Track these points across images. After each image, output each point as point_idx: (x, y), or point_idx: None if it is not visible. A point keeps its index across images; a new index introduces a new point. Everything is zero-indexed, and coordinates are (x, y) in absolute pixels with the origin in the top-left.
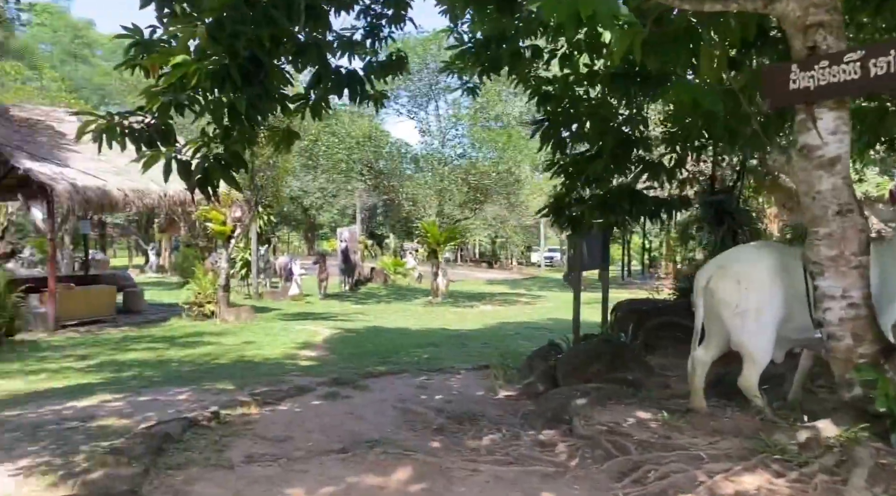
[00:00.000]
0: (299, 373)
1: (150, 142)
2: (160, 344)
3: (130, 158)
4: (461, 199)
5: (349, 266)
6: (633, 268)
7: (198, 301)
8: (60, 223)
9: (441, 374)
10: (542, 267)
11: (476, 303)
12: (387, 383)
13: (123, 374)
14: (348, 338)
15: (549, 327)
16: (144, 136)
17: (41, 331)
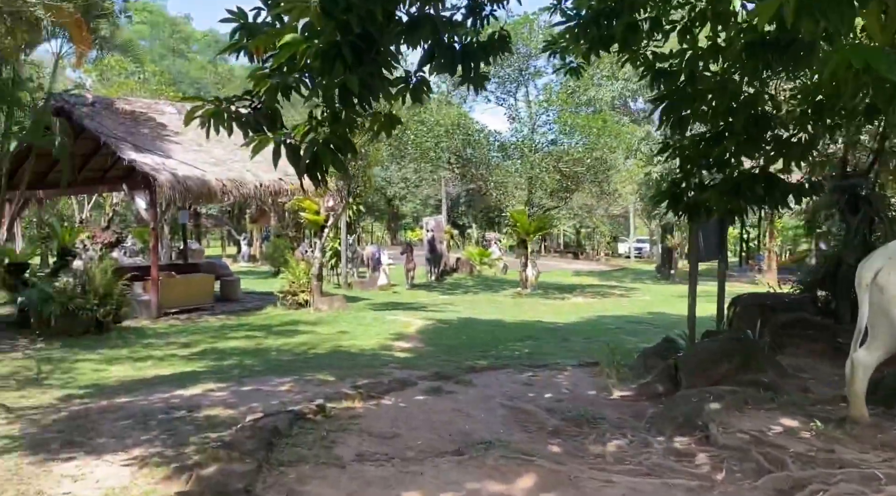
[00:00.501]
0: (397, 366)
1: (257, 127)
2: (258, 332)
3: (229, 149)
4: (553, 186)
5: (435, 256)
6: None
7: (292, 290)
8: (162, 213)
9: (546, 371)
10: (632, 258)
11: (567, 295)
12: (490, 378)
13: (225, 363)
14: (442, 329)
15: (652, 322)
16: (251, 120)
17: (145, 318)
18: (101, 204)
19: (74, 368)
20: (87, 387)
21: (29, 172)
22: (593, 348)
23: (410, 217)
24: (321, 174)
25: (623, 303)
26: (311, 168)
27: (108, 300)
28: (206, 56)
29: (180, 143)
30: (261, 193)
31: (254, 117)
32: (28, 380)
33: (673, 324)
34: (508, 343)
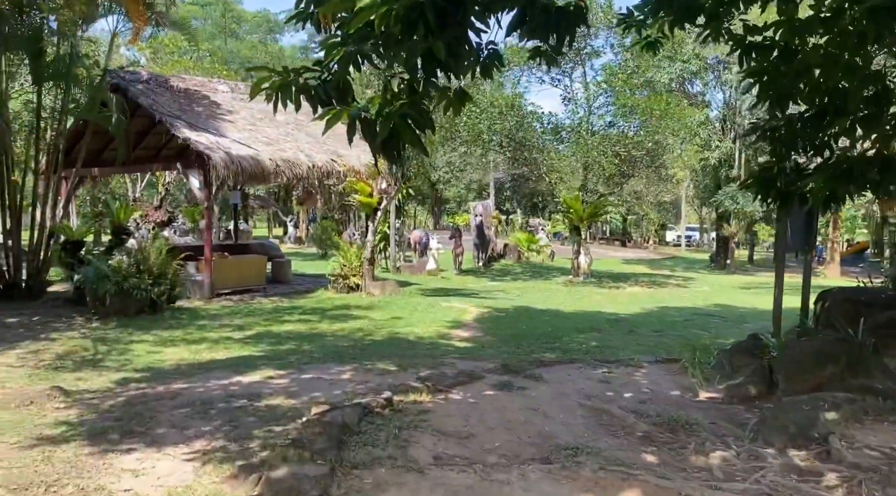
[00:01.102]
0: (458, 356)
1: (327, 100)
2: (311, 316)
3: (281, 129)
4: (610, 171)
5: (483, 241)
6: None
7: (343, 273)
8: (216, 192)
9: (621, 367)
10: (684, 246)
11: (622, 284)
12: (562, 374)
13: (282, 347)
14: (499, 318)
15: (721, 315)
16: (321, 93)
17: (198, 298)
18: (154, 183)
19: (129, 350)
20: (143, 371)
21: (85, 150)
22: (665, 343)
23: (454, 202)
24: (397, 151)
25: (682, 293)
26: (388, 144)
27: (163, 280)
28: (256, 36)
29: (233, 121)
30: (313, 174)
31: (324, 90)
32: (84, 361)
33: (742, 317)
34: (572, 334)
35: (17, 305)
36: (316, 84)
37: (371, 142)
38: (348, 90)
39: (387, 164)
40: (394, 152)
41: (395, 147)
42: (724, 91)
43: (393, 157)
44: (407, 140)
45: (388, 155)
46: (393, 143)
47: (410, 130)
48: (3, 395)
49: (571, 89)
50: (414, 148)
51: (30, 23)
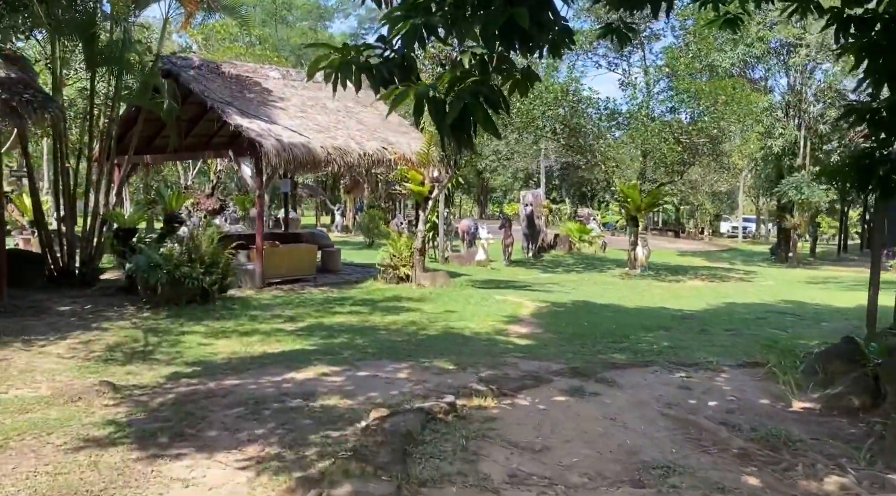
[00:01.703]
0: (519, 355)
1: (389, 79)
2: (362, 307)
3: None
4: (672, 159)
5: (534, 231)
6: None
7: (393, 264)
8: (268, 180)
9: (700, 371)
10: (740, 238)
11: (681, 278)
12: (637, 378)
13: (335, 341)
14: (558, 313)
15: (794, 312)
16: (383, 71)
17: (249, 287)
18: (206, 171)
19: (181, 341)
20: (195, 364)
21: (137, 137)
22: (741, 343)
23: (500, 190)
24: (468, 135)
25: (747, 288)
26: (458, 126)
27: (214, 269)
28: (307, 23)
29: (285, 109)
30: (364, 162)
31: (386, 68)
32: (135, 353)
33: (818, 315)
34: (639, 333)
35: (71, 293)
36: (378, 62)
37: (439, 123)
38: (412, 68)
39: (438, 150)
40: (465, 135)
41: (466, 129)
42: (788, 75)
43: (464, 139)
44: (480, 121)
45: (459, 137)
46: (464, 124)
47: (483, 110)
48: (52, 390)
49: (629, 73)
50: (486, 130)
51: (83, 7)
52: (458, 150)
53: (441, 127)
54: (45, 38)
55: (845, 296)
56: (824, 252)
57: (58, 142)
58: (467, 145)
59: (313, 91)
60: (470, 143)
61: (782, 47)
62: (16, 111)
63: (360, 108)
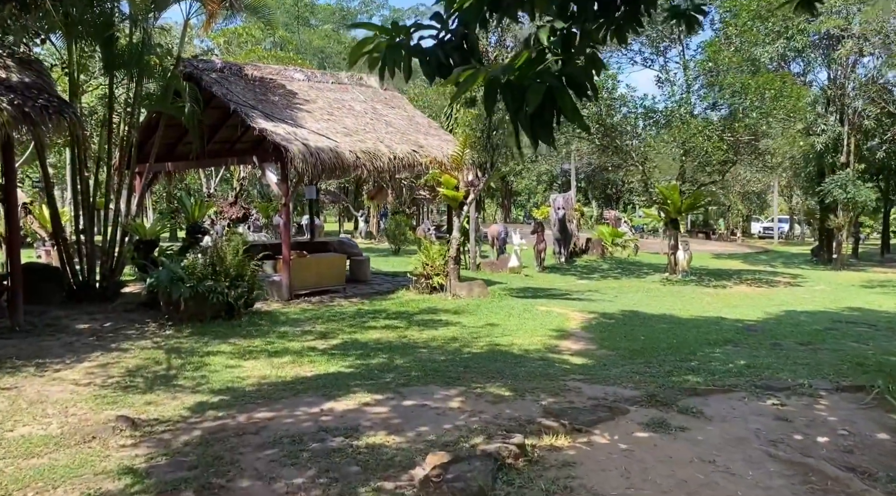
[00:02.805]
0: (581, 377)
1: (446, 64)
2: (397, 321)
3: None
4: (718, 158)
5: (566, 236)
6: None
7: (426, 273)
8: (294, 186)
9: (793, 396)
10: (776, 239)
11: (726, 282)
12: (724, 406)
13: (372, 361)
14: (608, 325)
15: (865, 321)
16: (439, 56)
17: (276, 300)
18: (228, 178)
19: (206, 363)
20: (222, 392)
21: (158, 144)
22: (824, 360)
23: (524, 194)
24: (549, 126)
25: (800, 294)
26: (540, 116)
27: (240, 282)
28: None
29: (311, 111)
30: (394, 166)
31: (443, 52)
32: (156, 378)
33: (894, 324)
34: (705, 348)
35: (90, 308)
36: (433, 45)
37: (515, 112)
38: (475, 51)
39: (473, 153)
40: (545, 127)
41: (547, 119)
42: (829, 69)
43: (546, 134)
44: (567, 108)
45: (539, 130)
46: (545, 113)
47: (569, 97)
48: (65, 427)
49: (667, 69)
50: (571, 121)
51: (101, 8)
52: (535, 145)
53: (517, 117)
54: (61, 40)
55: None
56: (864, 253)
57: (76, 149)
58: (547, 139)
59: (339, 92)
60: (550, 137)
61: (821, 40)
62: (30, 117)
63: (389, 110)
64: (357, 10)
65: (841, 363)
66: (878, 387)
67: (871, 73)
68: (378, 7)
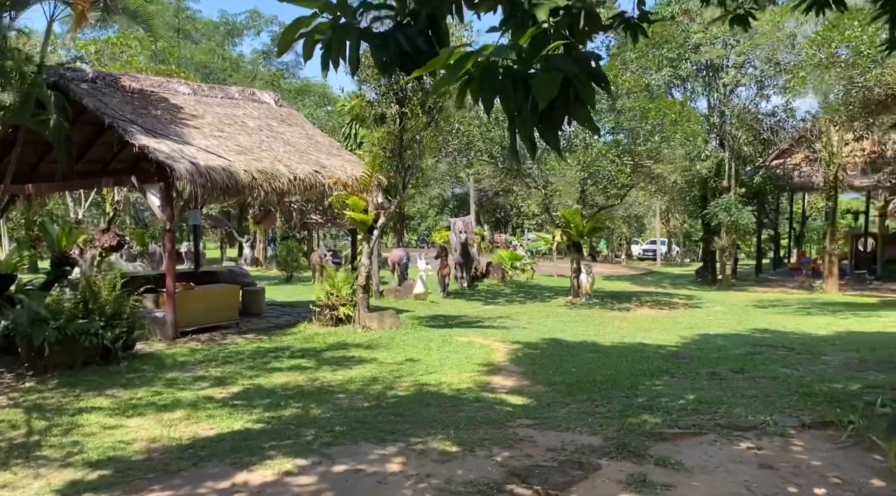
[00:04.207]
0: (528, 421)
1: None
2: (305, 360)
3: (255, 136)
4: (621, 181)
5: (468, 260)
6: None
7: (331, 303)
8: (181, 210)
9: (762, 436)
10: (659, 261)
11: (628, 305)
12: (698, 454)
13: (285, 413)
14: (535, 356)
15: (781, 344)
16: (401, 42)
17: (159, 340)
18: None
19: (78, 425)
20: (101, 464)
21: (15, 162)
22: (766, 388)
23: (416, 218)
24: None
25: (704, 316)
26: (549, 117)
27: (118, 321)
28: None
29: (199, 127)
30: (295, 188)
31: (405, 37)
32: (13, 448)
33: (808, 346)
34: (642, 380)
35: None
36: (392, 28)
37: (517, 108)
38: (445, 38)
39: (384, 173)
40: (557, 128)
41: (559, 119)
42: (710, 97)
43: (553, 137)
44: (587, 101)
45: (547, 132)
46: (555, 111)
47: (592, 89)
48: None
49: None
50: (580, 122)
51: None
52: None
53: (520, 115)
54: None
55: (811, 322)
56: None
57: None
58: (554, 142)
59: (230, 108)
60: (557, 140)
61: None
62: None
63: (286, 128)
64: (244, 25)
65: (788, 394)
66: (853, 424)
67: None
68: (266, 22)
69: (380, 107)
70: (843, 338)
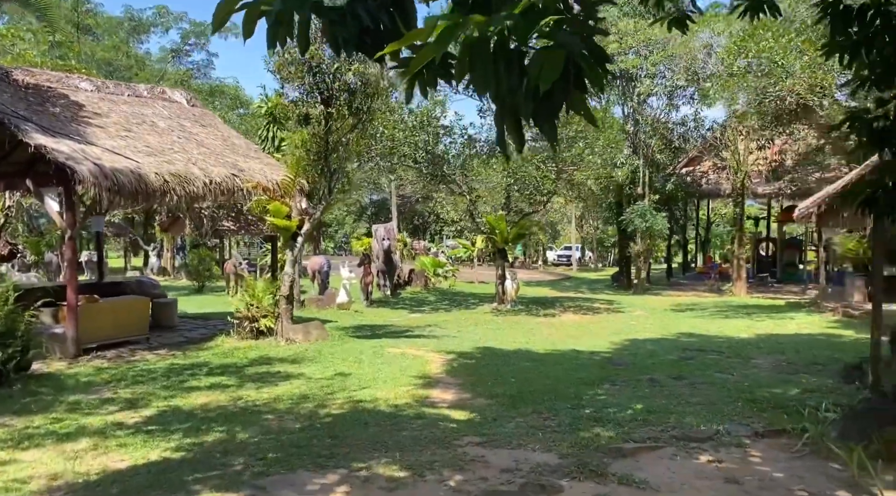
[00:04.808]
0: (477, 440)
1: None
2: (226, 378)
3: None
4: (548, 187)
5: (391, 268)
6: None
7: (251, 314)
8: (84, 216)
9: (719, 447)
10: (575, 267)
11: (553, 311)
12: (660, 469)
13: (208, 438)
14: (471, 367)
15: (710, 348)
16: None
17: (59, 359)
18: None
19: None
20: None
21: None
22: (711, 396)
23: (333, 225)
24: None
25: (628, 320)
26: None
27: (10, 340)
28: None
29: (103, 126)
30: (211, 192)
31: (367, 12)
32: None
33: (735, 349)
34: (585, 389)
35: None
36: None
37: (510, 91)
38: (412, 15)
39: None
40: (555, 115)
41: (558, 104)
42: (624, 106)
43: (551, 125)
44: (594, 83)
45: (544, 120)
46: (557, 95)
47: (598, 69)
48: None
49: (488, 101)
50: (576, 110)
51: None
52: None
53: (512, 101)
54: None
55: (731, 325)
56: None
57: None
58: (551, 132)
59: (138, 107)
60: (554, 129)
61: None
62: None
63: (200, 128)
64: (151, 22)
65: (732, 400)
66: (807, 432)
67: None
68: (176, 19)
69: (304, 107)
70: (766, 340)
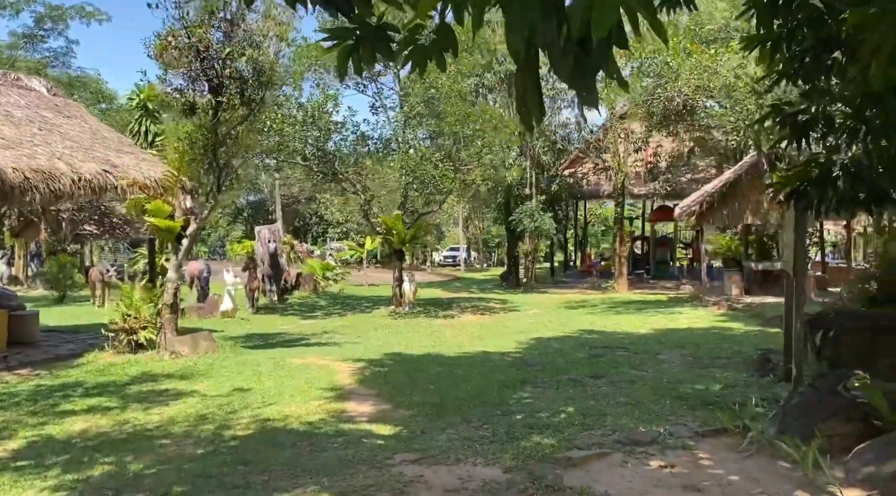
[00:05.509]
0: (410, 457)
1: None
2: (106, 399)
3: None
4: (447, 187)
5: (278, 272)
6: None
7: (128, 326)
8: None
9: (665, 451)
10: (463, 268)
11: (451, 312)
12: (614, 478)
13: (93, 473)
14: (384, 375)
15: (616, 344)
16: None
17: None
18: None
19: None
20: None
21: None
22: (635, 395)
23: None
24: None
25: (524, 319)
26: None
27: None
28: None
29: None
30: (80, 190)
31: None
32: None
33: (638, 344)
34: (510, 393)
35: None
36: None
37: (546, 45)
38: None
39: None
40: (594, 75)
41: (598, 63)
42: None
43: (591, 88)
44: (658, 34)
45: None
46: (599, 51)
47: (654, 16)
48: None
49: (381, 95)
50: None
51: None
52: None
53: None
54: None
55: (626, 321)
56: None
57: None
58: (592, 96)
59: None
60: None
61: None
62: None
63: (63, 120)
64: None
65: (657, 398)
66: (750, 431)
67: None
68: (27, 1)
69: (191, 95)
70: (665, 335)
